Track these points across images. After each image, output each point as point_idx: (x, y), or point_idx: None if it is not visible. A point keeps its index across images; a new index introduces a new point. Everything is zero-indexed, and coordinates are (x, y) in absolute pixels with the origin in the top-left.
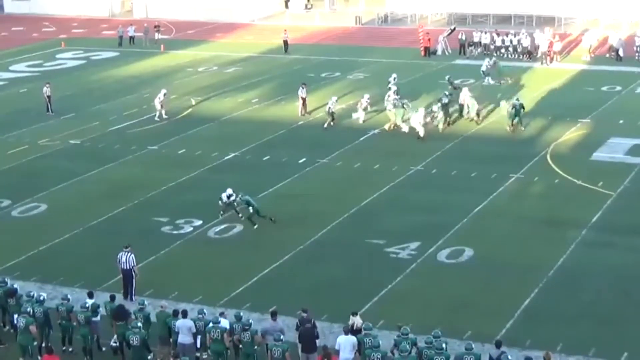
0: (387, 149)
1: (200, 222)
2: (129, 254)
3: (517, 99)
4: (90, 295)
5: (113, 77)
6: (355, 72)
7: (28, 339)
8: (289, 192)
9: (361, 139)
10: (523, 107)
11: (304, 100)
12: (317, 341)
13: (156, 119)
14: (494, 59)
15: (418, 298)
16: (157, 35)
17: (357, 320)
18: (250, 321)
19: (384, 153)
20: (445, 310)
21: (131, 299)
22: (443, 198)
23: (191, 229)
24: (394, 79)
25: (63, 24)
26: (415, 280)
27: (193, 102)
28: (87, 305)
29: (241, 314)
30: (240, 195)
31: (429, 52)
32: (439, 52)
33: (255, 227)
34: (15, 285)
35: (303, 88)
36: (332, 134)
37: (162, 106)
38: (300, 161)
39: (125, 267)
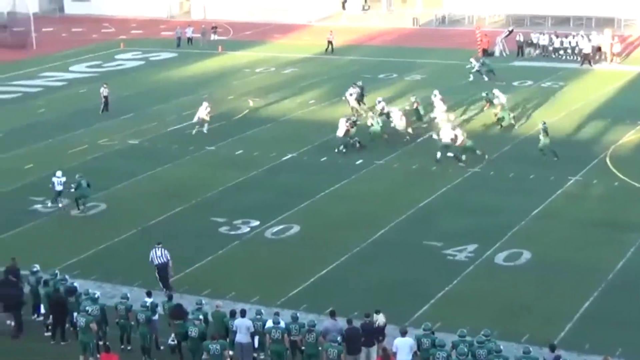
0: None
1: (257, 223)
2: (163, 249)
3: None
4: (149, 295)
5: (171, 78)
6: (412, 73)
7: (89, 337)
8: (346, 193)
9: (418, 140)
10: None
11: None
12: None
13: (205, 131)
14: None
15: (475, 300)
16: (214, 37)
17: (380, 319)
18: (315, 322)
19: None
20: (502, 313)
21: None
22: (501, 200)
23: (248, 229)
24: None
25: (122, 25)
26: (473, 283)
27: (251, 103)
28: (147, 304)
29: (298, 314)
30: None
31: (486, 53)
32: (497, 54)
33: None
34: (75, 284)
35: (354, 88)
36: (389, 136)
37: (208, 118)
38: (357, 162)
39: (160, 262)
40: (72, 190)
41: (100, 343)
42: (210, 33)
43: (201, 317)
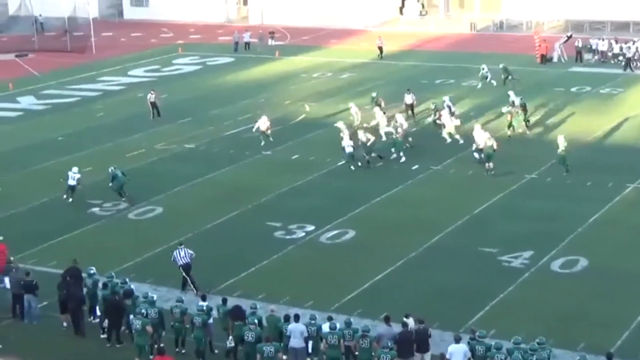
0: (502, 157)
1: (312, 228)
2: (185, 249)
3: (521, 98)
4: (204, 298)
5: (228, 83)
6: (469, 79)
7: (145, 340)
8: (402, 198)
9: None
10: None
11: (410, 106)
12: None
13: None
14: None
15: (530, 307)
16: (271, 42)
17: (410, 322)
18: (369, 327)
19: (498, 160)
20: (558, 321)
21: (196, 291)
22: (557, 207)
23: (304, 234)
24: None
25: (180, 29)
26: (528, 290)
27: (307, 108)
28: (202, 307)
29: (351, 320)
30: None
31: (545, 59)
32: (555, 59)
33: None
34: (132, 286)
35: (409, 94)
36: (444, 141)
37: (268, 132)
38: (413, 168)
39: (183, 262)
40: (110, 184)
41: (155, 346)
42: (267, 38)
43: (256, 321)
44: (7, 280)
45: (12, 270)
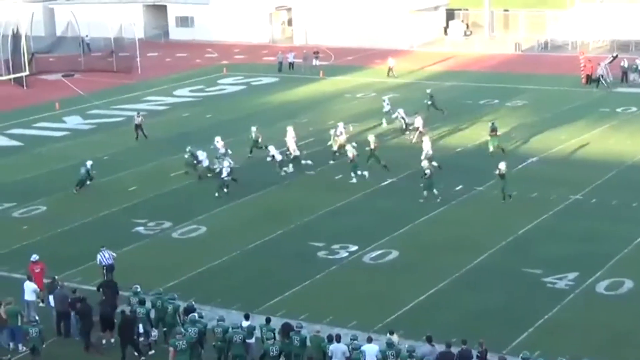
0: (546, 177)
1: (356, 248)
2: (108, 251)
3: (492, 122)
4: (247, 318)
5: (272, 103)
6: (514, 99)
7: (186, 358)
8: (445, 218)
9: (519, 166)
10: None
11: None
12: None
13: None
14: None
15: (575, 329)
16: (315, 62)
17: (394, 339)
18: (414, 347)
19: (542, 181)
20: (603, 343)
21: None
22: (603, 228)
23: (347, 254)
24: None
25: (225, 50)
26: (573, 311)
27: (351, 129)
28: (243, 326)
29: (393, 339)
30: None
31: (590, 79)
32: (600, 79)
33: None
34: (193, 303)
35: (416, 116)
36: (488, 161)
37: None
38: (457, 188)
39: (107, 263)
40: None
41: None
42: (312, 58)
43: (298, 339)
44: (51, 298)
45: (57, 288)
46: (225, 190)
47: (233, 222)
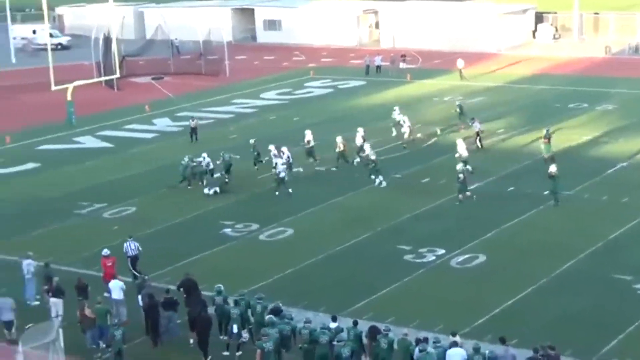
0: (636, 182)
1: (443, 252)
2: (134, 242)
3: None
4: (334, 319)
5: (359, 106)
6: (604, 103)
7: None
8: (534, 223)
9: (609, 171)
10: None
11: (477, 133)
12: None
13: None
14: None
15: None
16: (403, 65)
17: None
18: (494, 352)
19: (634, 186)
20: None
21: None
22: None
23: (434, 257)
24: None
25: (313, 53)
26: None
27: (438, 132)
28: (330, 328)
29: (479, 345)
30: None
31: None
32: None
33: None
34: (279, 305)
35: (474, 121)
36: (578, 166)
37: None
38: (545, 192)
39: (133, 254)
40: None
41: None
42: (399, 61)
43: (386, 342)
44: (139, 298)
45: (145, 288)
46: (288, 190)
47: (320, 225)
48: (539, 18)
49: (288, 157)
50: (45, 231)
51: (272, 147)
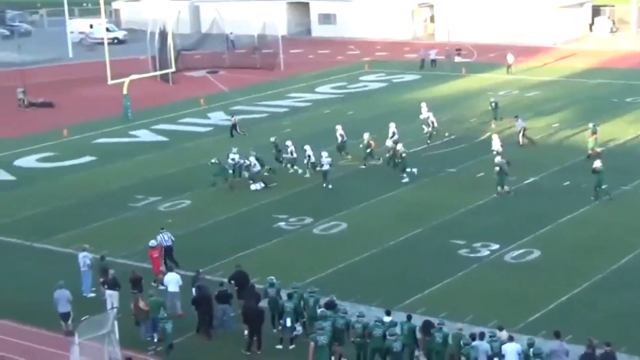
0: None
1: (497, 246)
2: (168, 233)
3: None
4: (388, 314)
5: (413, 100)
6: None
7: (325, 355)
8: (589, 218)
9: None
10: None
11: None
12: None
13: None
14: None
15: None
16: (457, 59)
17: (503, 335)
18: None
19: None
20: None
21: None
22: None
23: (488, 252)
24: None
25: (367, 47)
26: None
27: (493, 126)
28: (384, 322)
29: (534, 340)
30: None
31: None
32: None
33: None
34: (334, 298)
35: (517, 119)
36: (636, 161)
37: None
38: (603, 187)
39: (167, 245)
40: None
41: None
42: (454, 55)
43: (441, 336)
44: (193, 290)
45: (200, 281)
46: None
47: (374, 219)
48: (596, 11)
49: (309, 155)
50: (101, 224)
51: (307, 147)
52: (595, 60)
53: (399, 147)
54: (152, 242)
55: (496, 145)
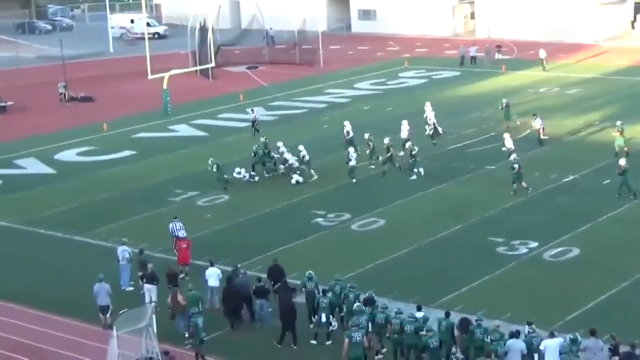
0: None
1: (536, 244)
2: (179, 222)
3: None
4: (419, 309)
5: (453, 97)
6: None
7: (359, 351)
8: (629, 217)
9: None
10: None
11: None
12: None
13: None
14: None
15: None
16: (498, 55)
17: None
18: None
19: None
20: None
21: None
22: None
23: (527, 250)
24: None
25: (407, 43)
26: None
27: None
28: (417, 317)
29: (578, 336)
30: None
31: None
32: None
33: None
34: (372, 294)
35: (535, 117)
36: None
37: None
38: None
39: (180, 235)
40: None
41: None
42: (494, 52)
43: (481, 332)
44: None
45: (239, 276)
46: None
47: (412, 216)
48: (638, 8)
49: (304, 155)
50: (140, 218)
51: (301, 147)
52: (637, 58)
53: (408, 145)
54: (182, 233)
55: (509, 143)
